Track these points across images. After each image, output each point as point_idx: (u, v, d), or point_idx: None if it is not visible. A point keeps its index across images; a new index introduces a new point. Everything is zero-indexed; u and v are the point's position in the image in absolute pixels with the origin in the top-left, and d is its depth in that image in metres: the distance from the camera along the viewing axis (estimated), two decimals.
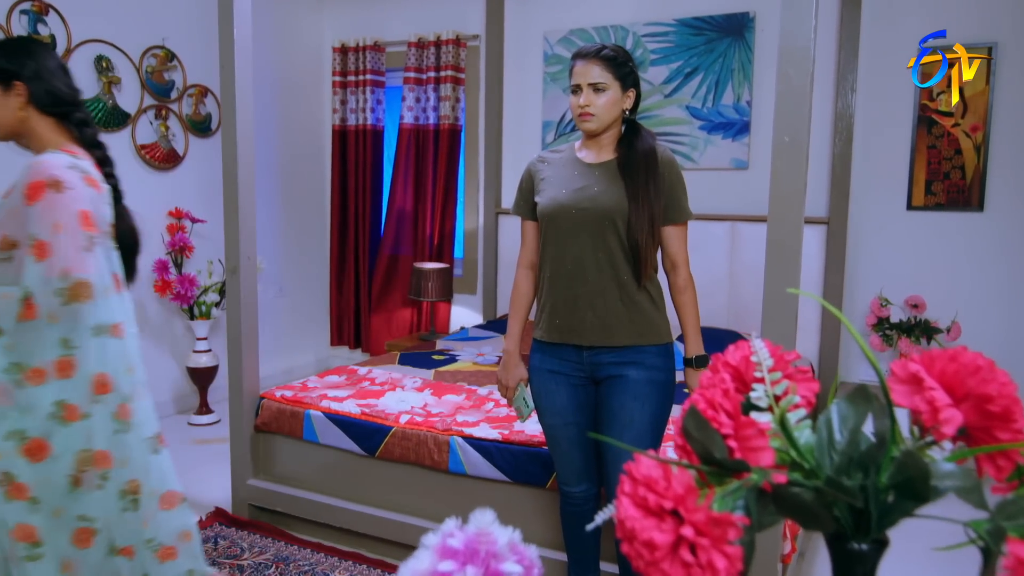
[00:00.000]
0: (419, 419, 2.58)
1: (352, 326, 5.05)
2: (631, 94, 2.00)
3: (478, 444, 2.42)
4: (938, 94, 3.53)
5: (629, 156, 1.96)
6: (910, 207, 3.64)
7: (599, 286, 1.93)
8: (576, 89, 1.96)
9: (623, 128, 2.03)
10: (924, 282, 3.61)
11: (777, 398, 0.58)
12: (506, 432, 2.44)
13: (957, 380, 0.54)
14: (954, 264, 3.57)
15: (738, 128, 3.91)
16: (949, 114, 3.53)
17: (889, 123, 3.64)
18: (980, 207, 3.51)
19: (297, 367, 5.04)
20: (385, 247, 4.89)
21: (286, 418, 2.75)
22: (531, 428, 2.47)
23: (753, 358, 0.60)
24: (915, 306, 3.50)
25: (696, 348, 2.00)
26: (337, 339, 5.14)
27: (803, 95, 1.87)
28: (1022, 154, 3.42)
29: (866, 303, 3.72)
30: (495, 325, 4.17)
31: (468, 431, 2.47)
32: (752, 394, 0.57)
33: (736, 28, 3.86)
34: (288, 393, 2.83)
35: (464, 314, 4.79)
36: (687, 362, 2.00)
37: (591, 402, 2.02)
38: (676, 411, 2.14)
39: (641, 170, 1.93)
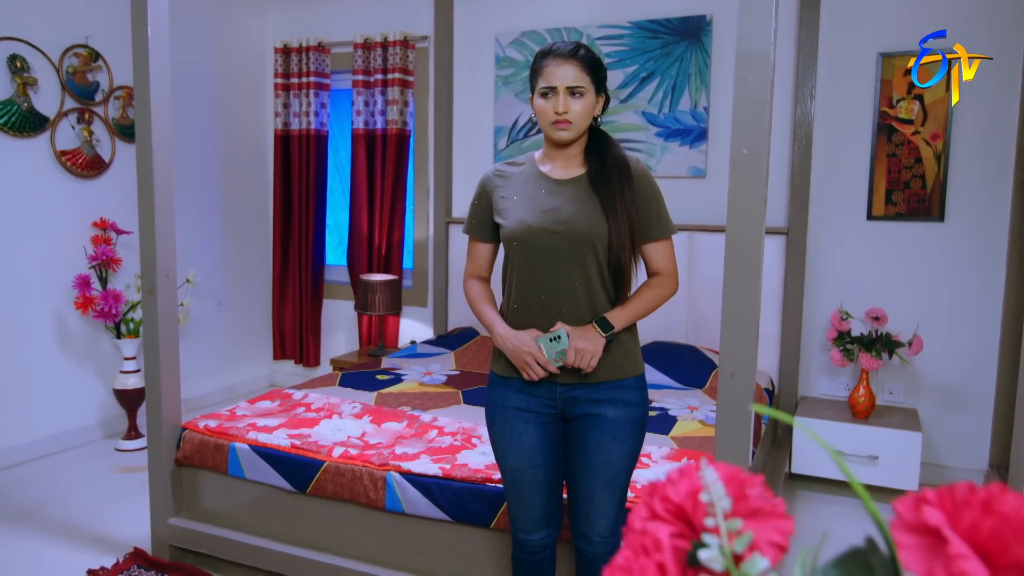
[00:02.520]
0: (354, 452, 2.38)
1: (296, 340, 4.82)
2: (601, 100, 1.82)
3: (417, 480, 2.23)
4: (898, 101, 3.44)
5: (600, 169, 1.78)
6: (870, 217, 3.54)
7: (575, 318, 1.75)
8: (548, 92, 1.74)
9: (587, 137, 1.84)
10: (885, 294, 3.51)
11: (737, 558, 0.40)
12: (447, 467, 2.24)
13: (997, 542, 0.37)
14: (915, 275, 3.48)
15: (695, 135, 3.77)
16: (909, 121, 3.43)
17: (848, 131, 3.54)
18: (941, 217, 3.42)
19: (240, 383, 4.78)
20: (331, 257, 4.67)
21: (209, 451, 2.53)
22: (475, 462, 2.28)
23: (703, 496, 0.42)
24: (876, 319, 3.39)
25: (615, 317, 1.75)
26: (280, 353, 4.90)
27: (762, 104, 1.72)
28: (983, 163, 3.34)
29: (826, 315, 3.61)
30: (445, 340, 3.97)
31: (407, 465, 2.27)
32: (702, 554, 0.40)
33: (693, 31, 3.73)
34: (212, 423, 2.60)
35: (414, 327, 4.59)
36: (595, 309, 1.75)
37: (559, 440, 1.83)
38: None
39: (615, 182, 1.75)
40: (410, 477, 2.24)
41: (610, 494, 1.75)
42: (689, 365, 3.44)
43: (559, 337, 1.72)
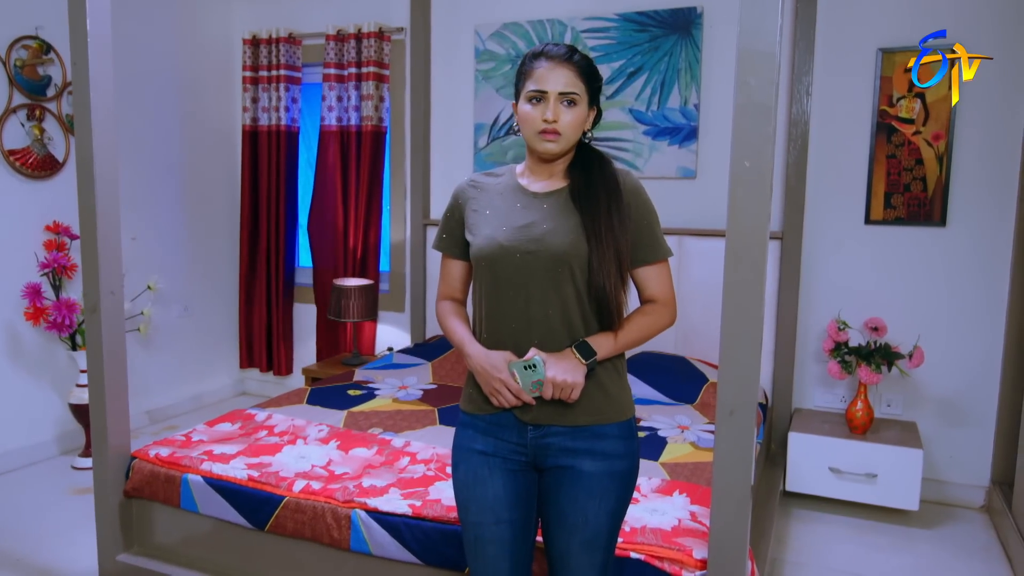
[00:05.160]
0: (316, 486, 2.18)
1: (263, 347, 4.59)
2: (592, 114, 1.61)
3: (384, 520, 2.03)
4: (898, 99, 3.26)
5: (585, 182, 1.57)
6: (868, 221, 3.37)
7: (549, 350, 1.54)
8: (537, 96, 1.54)
9: (575, 152, 1.64)
10: (883, 302, 3.34)
11: None
12: (418, 504, 2.05)
13: None
14: (915, 283, 3.32)
15: (685, 134, 3.58)
16: (910, 121, 3.26)
17: (846, 130, 3.36)
18: (942, 222, 3.26)
19: (208, 392, 4.57)
20: (303, 259, 4.45)
21: (160, 483, 2.32)
22: (448, 497, 2.09)
23: None
24: (875, 329, 3.23)
25: (599, 343, 1.54)
26: (247, 362, 4.67)
27: (766, 110, 1.52)
28: (987, 165, 3.17)
29: (821, 324, 3.45)
30: (423, 350, 3.77)
31: (373, 502, 2.07)
32: None
33: (682, 24, 3.53)
34: (164, 451, 2.39)
35: (391, 333, 4.38)
36: (575, 341, 1.54)
37: (531, 493, 1.60)
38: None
39: (601, 199, 1.54)
40: (376, 516, 2.04)
41: (589, 557, 1.54)
42: (679, 378, 3.26)
43: (534, 366, 1.51)
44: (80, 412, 3.53)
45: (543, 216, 1.57)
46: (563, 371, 1.50)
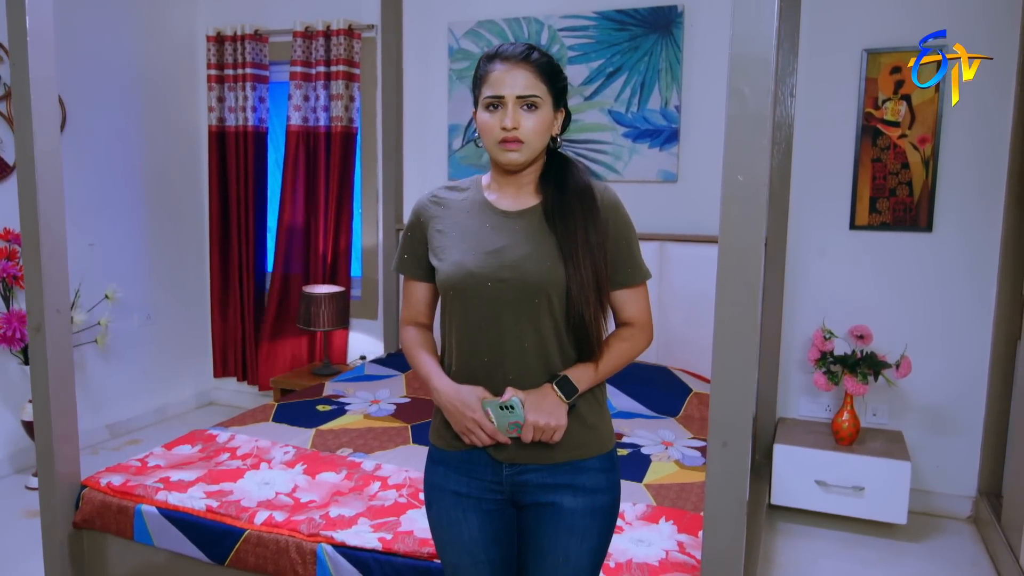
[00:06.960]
0: (280, 517, 2.04)
1: (238, 355, 4.43)
2: (560, 116, 1.48)
3: (352, 555, 1.90)
4: (883, 102, 3.18)
5: (558, 199, 1.44)
6: (853, 226, 3.29)
7: (525, 386, 1.41)
8: (494, 103, 1.41)
9: (545, 159, 1.50)
10: (868, 309, 3.26)
11: None
12: (388, 537, 1.92)
13: None
14: (901, 289, 3.24)
15: (666, 136, 3.47)
16: (895, 124, 3.18)
17: (831, 133, 3.27)
18: (928, 227, 3.18)
19: (173, 403, 4.39)
20: (273, 266, 4.29)
21: (112, 514, 2.17)
22: (420, 528, 1.96)
23: None
24: (860, 337, 3.15)
25: (578, 376, 1.41)
26: (222, 370, 4.51)
27: (762, 121, 1.41)
28: (974, 169, 3.10)
29: (806, 331, 3.36)
30: (396, 360, 3.63)
31: (340, 535, 1.94)
32: None
33: (663, 23, 3.42)
34: (116, 479, 2.24)
35: (364, 341, 4.24)
36: (554, 376, 1.41)
37: (509, 531, 1.48)
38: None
39: (577, 216, 1.41)
40: (344, 550, 1.91)
41: None
42: (661, 389, 3.15)
43: (512, 407, 1.38)
44: (34, 429, 3.35)
45: (516, 239, 1.43)
46: (545, 414, 1.38)
